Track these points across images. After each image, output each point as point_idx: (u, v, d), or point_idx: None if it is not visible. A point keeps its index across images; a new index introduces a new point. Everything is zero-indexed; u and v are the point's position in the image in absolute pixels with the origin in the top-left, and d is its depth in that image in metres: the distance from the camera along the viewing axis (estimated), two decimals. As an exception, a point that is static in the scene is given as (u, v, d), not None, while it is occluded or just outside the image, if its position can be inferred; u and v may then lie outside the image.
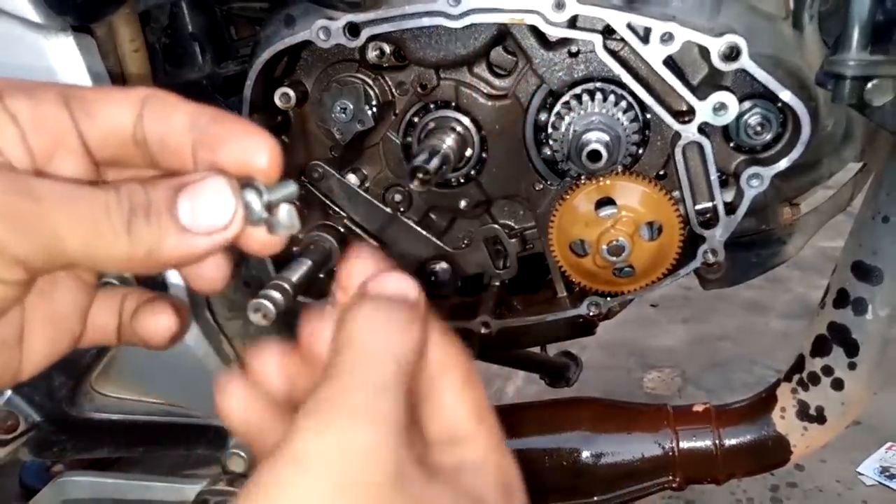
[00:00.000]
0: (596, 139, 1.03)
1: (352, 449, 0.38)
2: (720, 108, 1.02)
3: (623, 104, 1.07)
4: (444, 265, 1.22)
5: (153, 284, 1.01)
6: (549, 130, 1.10)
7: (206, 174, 0.45)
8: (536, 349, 1.97)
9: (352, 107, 1.12)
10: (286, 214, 0.47)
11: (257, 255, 0.48)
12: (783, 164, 1.05)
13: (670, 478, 1.28)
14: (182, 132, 0.46)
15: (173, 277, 1.06)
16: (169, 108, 0.46)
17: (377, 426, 0.39)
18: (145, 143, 0.46)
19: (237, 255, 0.50)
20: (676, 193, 1.08)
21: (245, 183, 0.45)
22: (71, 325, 0.50)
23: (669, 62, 1.02)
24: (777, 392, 1.26)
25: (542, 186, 1.14)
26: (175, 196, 0.44)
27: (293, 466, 0.38)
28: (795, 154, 1.04)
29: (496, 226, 1.20)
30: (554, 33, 1.02)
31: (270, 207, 0.46)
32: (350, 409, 0.39)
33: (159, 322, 0.50)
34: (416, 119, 1.14)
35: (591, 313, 1.16)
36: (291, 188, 0.47)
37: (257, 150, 0.45)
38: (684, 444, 1.26)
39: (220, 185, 0.44)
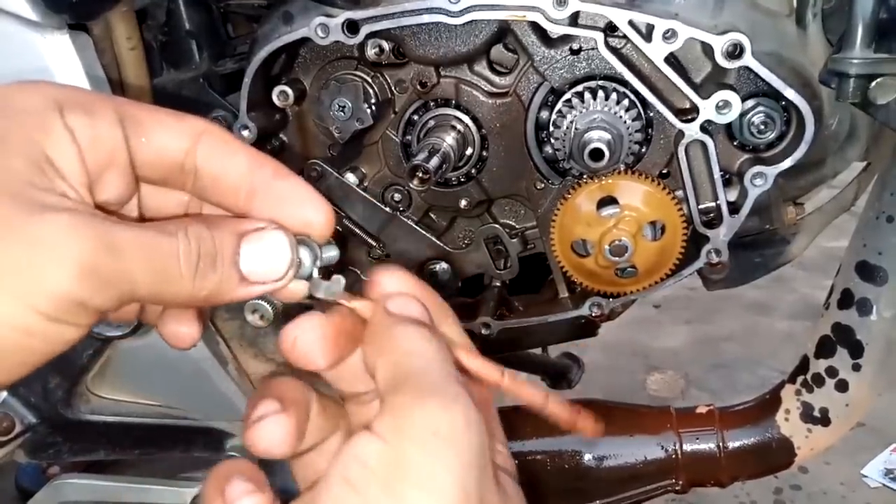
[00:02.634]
0: (598, 138, 1.02)
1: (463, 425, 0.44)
2: (723, 106, 1.01)
3: (625, 102, 1.06)
4: (444, 265, 1.21)
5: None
6: (551, 129, 1.09)
7: (268, 225, 0.48)
8: (538, 350, 1.96)
9: (350, 105, 1.11)
10: (337, 284, 0.50)
11: (278, 299, 0.51)
12: (787, 162, 1.04)
13: (673, 481, 1.27)
14: (240, 176, 0.49)
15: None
16: (228, 149, 0.49)
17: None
18: (194, 174, 0.49)
19: None
20: (679, 192, 1.07)
21: (300, 239, 0.49)
22: None
23: (672, 60, 1.02)
24: (781, 394, 1.25)
25: (543, 185, 1.13)
26: (238, 244, 0.47)
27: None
28: (799, 153, 1.03)
29: (497, 225, 1.19)
30: (555, 30, 1.01)
31: (317, 267, 0.50)
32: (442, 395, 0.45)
33: (182, 329, 0.53)
34: (415, 117, 1.13)
35: (594, 314, 1.15)
36: (335, 252, 0.51)
37: (317, 212, 0.49)
38: (687, 447, 1.25)
39: (280, 240, 0.48)
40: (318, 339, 0.48)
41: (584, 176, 1.07)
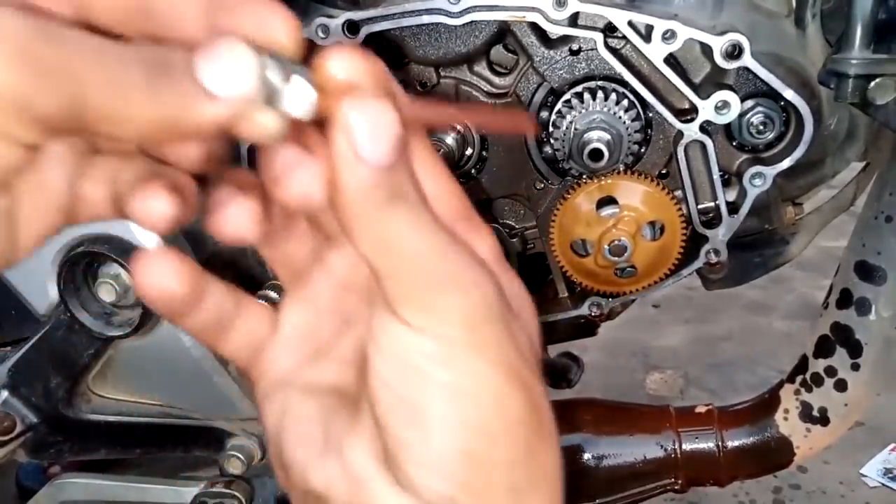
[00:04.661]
0: (597, 138, 1.02)
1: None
2: (722, 106, 1.01)
3: (625, 103, 1.06)
4: (444, 265, 1.21)
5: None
6: (550, 129, 1.09)
7: (220, 37, 0.40)
8: (538, 350, 1.96)
9: (351, 105, 1.11)
10: (301, 91, 0.40)
11: (255, 141, 0.42)
12: (786, 163, 1.04)
13: (672, 480, 1.27)
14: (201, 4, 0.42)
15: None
16: None
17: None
18: (153, 14, 0.42)
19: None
20: (679, 193, 1.07)
21: (267, 51, 0.40)
22: (59, 198, 0.44)
23: (671, 60, 1.02)
24: (780, 393, 1.26)
25: (543, 186, 1.14)
26: (190, 57, 0.39)
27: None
28: (798, 153, 1.03)
29: (496, 225, 1.19)
30: (555, 31, 1.01)
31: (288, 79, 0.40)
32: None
33: (152, 207, 0.44)
34: (415, 118, 1.13)
35: (593, 314, 1.15)
36: (308, 73, 0.41)
37: (277, 20, 0.42)
38: (687, 446, 1.26)
39: (236, 45, 0.39)
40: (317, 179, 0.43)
41: (584, 176, 1.07)
